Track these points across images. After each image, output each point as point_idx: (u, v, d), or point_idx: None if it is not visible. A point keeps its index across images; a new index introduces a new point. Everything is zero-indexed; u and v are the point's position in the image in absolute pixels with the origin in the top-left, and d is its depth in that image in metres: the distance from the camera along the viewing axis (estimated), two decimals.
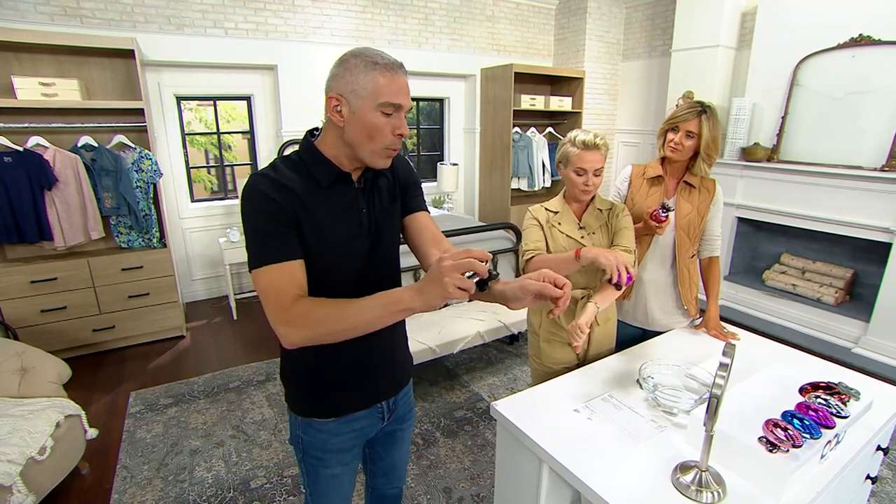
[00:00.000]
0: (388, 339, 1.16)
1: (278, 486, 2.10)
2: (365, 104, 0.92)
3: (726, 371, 0.94)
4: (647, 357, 1.55)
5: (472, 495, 2.05)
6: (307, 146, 1.01)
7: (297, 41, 4.00)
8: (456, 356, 3.22)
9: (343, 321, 0.90)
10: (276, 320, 0.91)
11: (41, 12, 3.11)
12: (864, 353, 3.19)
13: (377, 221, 1.07)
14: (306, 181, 0.97)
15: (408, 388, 1.29)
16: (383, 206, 1.09)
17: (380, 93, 0.92)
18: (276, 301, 0.91)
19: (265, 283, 0.93)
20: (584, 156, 1.49)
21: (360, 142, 0.96)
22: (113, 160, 3.15)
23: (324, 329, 0.91)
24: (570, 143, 1.52)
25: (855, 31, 3.21)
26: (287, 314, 0.91)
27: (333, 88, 0.94)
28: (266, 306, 0.93)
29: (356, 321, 0.90)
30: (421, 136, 5.43)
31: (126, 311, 3.26)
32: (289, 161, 1.00)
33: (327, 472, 1.16)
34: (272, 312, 0.92)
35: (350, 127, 0.95)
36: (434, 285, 0.82)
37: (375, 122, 0.94)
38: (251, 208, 0.94)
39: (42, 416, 1.88)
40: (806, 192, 3.49)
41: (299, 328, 0.91)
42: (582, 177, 1.52)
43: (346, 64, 0.93)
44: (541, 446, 1.16)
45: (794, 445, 1.01)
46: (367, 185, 1.06)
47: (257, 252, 0.94)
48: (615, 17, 5.07)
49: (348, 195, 1.03)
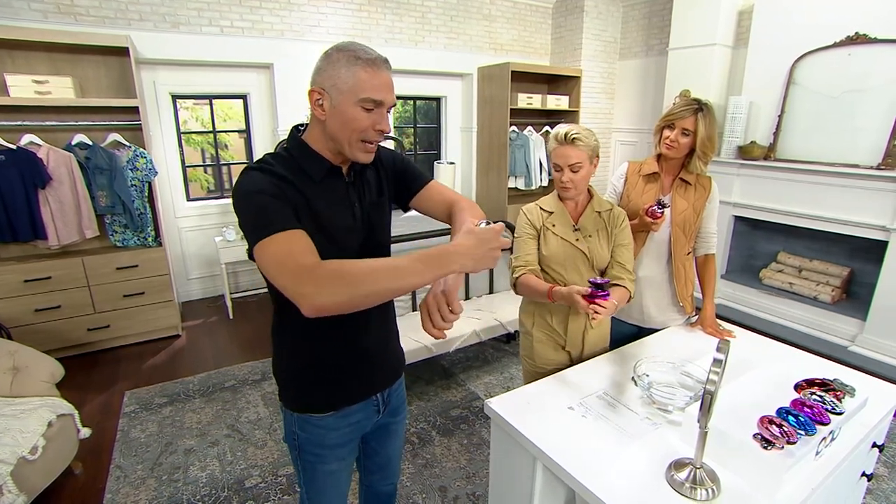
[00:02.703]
0: (383, 330, 1.16)
1: (273, 485, 2.09)
2: (346, 98, 0.92)
3: (720, 367, 0.94)
4: (642, 355, 1.54)
5: (467, 494, 2.05)
6: (296, 141, 1.00)
7: (294, 39, 3.99)
8: (452, 355, 3.21)
9: (383, 278, 0.83)
10: (299, 281, 0.81)
11: (35, 9, 3.09)
12: (861, 351, 3.19)
13: (369, 215, 1.07)
14: (299, 176, 0.96)
15: (401, 380, 1.29)
16: (372, 200, 1.09)
17: (361, 88, 0.92)
18: (293, 262, 0.82)
19: (275, 250, 0.84)
20: (560, 150, 1.47)
21: (341, 136, 0.96)
22: (107, 158, 3.13)
23: (362, 289, 0.82)
24: (550, 137, 1.52)
25: (851, 30, 3.21)
26: (314, 272, 0.81)
27: (316, 82, 0.94)
28: (281, 270, 0.83)
29: (396, 278, 0.83)
30: (418, 135, 5.42)
31: (121, 310, 3.24)
32: (278, 157, 0.99)
33: (325, 469, 1.16)
34: (293, 274, 0.81)
35: (331, 121, 0.95)
36: (487, 257, 0.88)
37: (356, 116, 0.93)
38: (250, 191, 0.90)
39: (34, 415, 1.87)
40: (803, 190, 3.49)
41: (333, 286, 0.81)
42: (559, 172, 1.50)
43: (330, 58, 0.93)
44: (535, 444, 1.15)
45: (788, 442, 1.00)
46: (356, 178, 1.06)
47: (260, 226, 0.86)
48: (612, 15, 5.07)
49: (340, 189, 1.02)
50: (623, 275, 1.54)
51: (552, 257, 1.55)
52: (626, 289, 1.52)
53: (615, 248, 1.57)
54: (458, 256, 0.86)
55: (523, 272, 1.54)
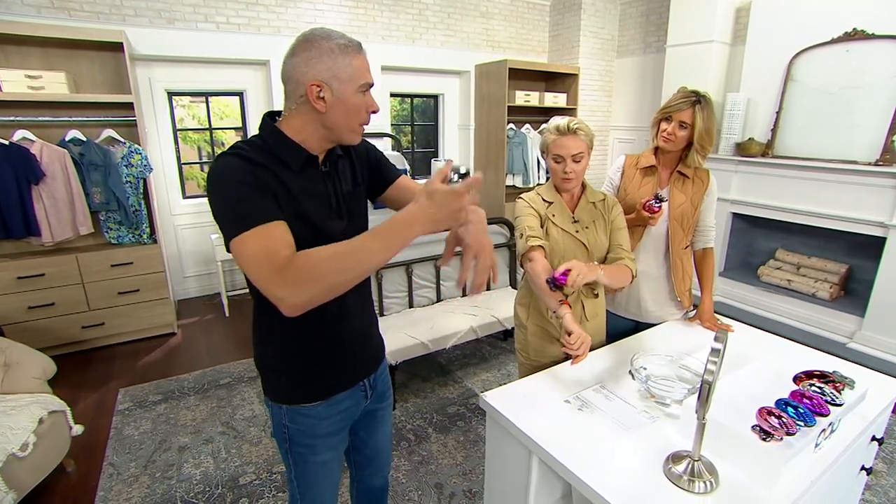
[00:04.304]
0: (363, 317, 1.17)
1: (267, 482, 2.07)
2: (347, 87, 0.93)
3: (718, 357, 0.92)
4: (639, 348, 1.52)
5: (463, 491, 2.03)
6: (272, 130, 0.97)
7: (290, 36, 3.93)
8: (449, 352, 3.19)
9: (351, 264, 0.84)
10: (274, 283, 0.82)
11: (28, 4, 3.07)
12: (860, 347, 3.19)
13: (346, 203, 1.06)
14: (276, 164, 0.94)
15: (384, 365, 1.29)
16: (348, 189, 1.08)
17: (360, 74, 0.94)
18: (269, 263, 0.82)
19: (253, 247, 0.84)
20: (560, 141, 1.45)
21: (343, 124, 0.97)
22: (102, 154, 3.11)
23: (332, 279, 0.84)
24: (548, 130, 1.50)
25: (849, 26, 3.20)
26: (286, 274, 0.82)
27: (311, 75, 0.91)
28: (258, 272, 0.83)
29: (363, 258, 0.85)
30: (415, 132, 5.40)
31: (115, 307, 3.22)
32: (253, 145, 0.95)
33: (316, 460, 1.14)
34: (267, 276, 0.82)
35: (333, 112, 0.94)
36: (449, 218, 0.88)
37: (357, 103, 0.96)
38: (227, 180, 0.87)
39: (25, 411, 1.84)
40: (800, 187, 3.48)
41: (304, 285, 0.82)
42: (560, 164, 1.48)
43: (319, 48, 0.91)
44: (530, 437, 1.14)
45: (787, 433, 0.99)
46: (331, 168, 1.05)
47: (237, 219, 0.85)
48: (609, 13, 5.06)
49: (317, 179, 1.01)
50: (623, 254, 1.55)
51: (553, 249, 1.53)
52: (628, 267, 1.51)
53: (612, 233, 1.57)
54: (417, 222, 0.86)
55: (539, 243, 1.49)
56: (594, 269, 1.38)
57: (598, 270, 1.39)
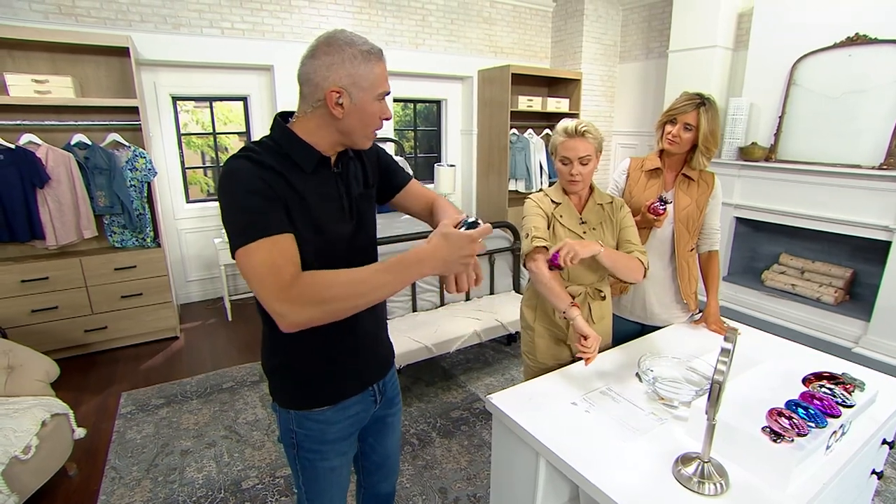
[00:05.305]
0: (374, 321, 1.16)
1: (270, 486, 2.05)
2: (366, 95, 0.93)
3: (728, 357, 0.91)
4: (645, 350, 1.51)
5: (468, 496, 2.01)
6: (284, 131, 0.96)
7: (294, 41, 3.99)
8: (452, 356, 3.18)
9: (358, 293, 0.86)
10: (276, 299, 0.82)
11: (35, 10, 3.09)
12: (865, 352, 3.17)
13: (357, 205, 1.06)
14: (288, 166, 0.93)
15: (393, 371, 1.28)
16: (359, 191, 1.08)
17: (380, 83, 0.94)
18: (274, 278, 0.82)
19: (258, 260, 0.83)
20: (568, 143, 1.46)
21: (359, 131, 0.97)
22: (107, 158, 3.12)
23: (336, 305, 0.85)
24: (557, 132, 1.50)
25: (851, 30, 3.21)
26: (290, 291, 0.82)
27: (332, 80, 0.90)
28: (261, 285, 0.83)
29: (370, 289, 0.87)
30: (418, 138, 5.41)
31: (119, 311, 3.21)
32: (264, 146, 0.95)
33: (325, 465, 1.12)
34: (270, 291, 0.82)
35: (350, 118, 0.94)
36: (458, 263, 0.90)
37: (374, 111, 0.96)
38: (236, 188, 0.87)
39: (28, 414, 1.84)
40: (804, 191, 3.48)
41: (307, 305, 0.83)
42: (567, 166, 1.48)
43: (342, 53, 0.89)
44: (538, 439, 1.13)
45: (798, 434, 0.98)
46: (343, 169, 1.05)
47: (245, 228, 0.85)
48: (612, 19, 5.08)
49: (329, 180, 1.01)
50: (633, 248, 1.54)
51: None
52: (640, 260, 1.51)
53: (621, 231, 1.57)
54: (428, 261, 0.89)
55: (544, 243, 1.49)
56: (589, 245, 1.36)
57: (595, 246, 1.37)
